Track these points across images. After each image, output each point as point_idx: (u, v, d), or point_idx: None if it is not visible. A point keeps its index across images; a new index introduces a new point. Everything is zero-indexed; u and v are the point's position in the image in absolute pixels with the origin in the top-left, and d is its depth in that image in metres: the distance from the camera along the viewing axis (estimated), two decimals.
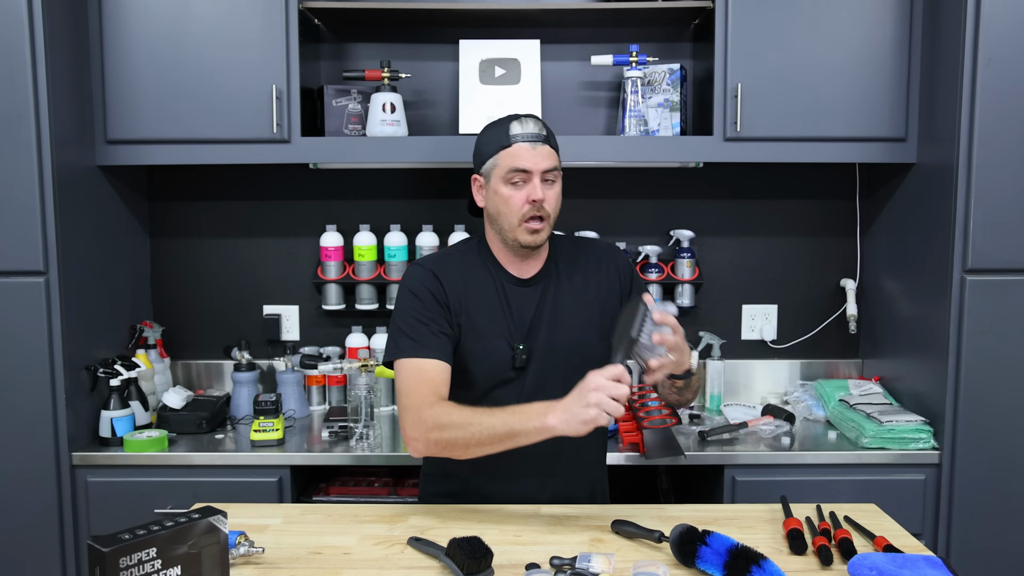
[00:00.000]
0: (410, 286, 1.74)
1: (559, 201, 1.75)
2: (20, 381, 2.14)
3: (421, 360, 1.67)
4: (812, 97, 2.31)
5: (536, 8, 2.40)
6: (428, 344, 1.68)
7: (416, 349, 1.68)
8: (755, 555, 1.33)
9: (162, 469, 2.19)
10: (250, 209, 2.70)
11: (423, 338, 1.69)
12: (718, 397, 2.62)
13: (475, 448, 1.56)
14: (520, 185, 1.70)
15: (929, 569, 1.31)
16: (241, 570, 1.42)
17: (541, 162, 1.69)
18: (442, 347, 1.69)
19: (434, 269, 1.76)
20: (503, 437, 1.53)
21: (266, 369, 2.68)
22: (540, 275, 1.79)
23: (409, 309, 1.72)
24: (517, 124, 1.72)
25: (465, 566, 1.36)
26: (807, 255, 2.73)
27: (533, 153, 1.69)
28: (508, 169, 1.69)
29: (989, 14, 2.07)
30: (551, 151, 1.72)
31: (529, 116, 1.74)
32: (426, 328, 1.69)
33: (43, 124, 2.09)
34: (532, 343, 1.74)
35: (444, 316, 1.72)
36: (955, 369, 2.17)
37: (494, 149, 1.72)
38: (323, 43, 2.61)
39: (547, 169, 1.70)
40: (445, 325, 1.71)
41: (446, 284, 1.74)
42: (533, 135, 1.70)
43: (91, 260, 2.31)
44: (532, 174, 1.69)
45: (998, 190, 2.11)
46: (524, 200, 1.69)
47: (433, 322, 1.70)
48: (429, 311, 1.71)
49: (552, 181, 1.72)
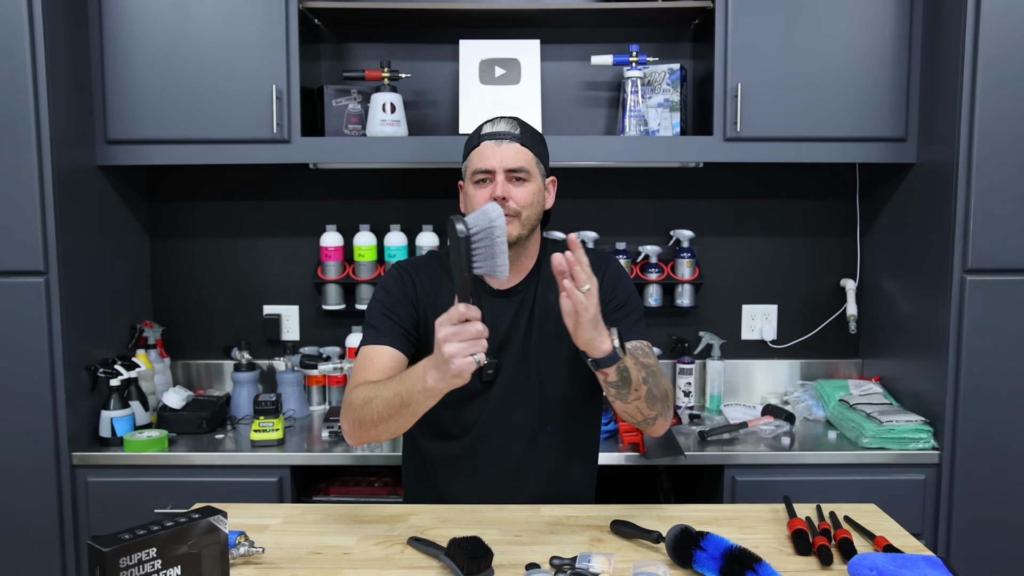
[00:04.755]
0: (384, 283, 1.75)
1: (534, 199, 1.67)
2: (20, 381, 2.14)
3: (372, 347, 1.66)
4: (812, 97, 2.31)
5: (536, 8, 2.40)
6: (384, 331, 1.67)
7: (371, 337, 1.68)
8: (751, 558, 1.32)
9: (162, 469, 2.19)
10: (250, 209, 2.70)
11: (382, 327, 1.68)
12: (718, 397, 2.62)
13: (382, 425, 1.50)
14: (485, 184, 1.66)
15: (929, 569, 1.31)
16: (241, 570, 1.42)
17: (505, 160, 1.64)
18: (398, 336, 1.67)
19: (410, 270, 1.76)
20: (399, 407, 1.46)
21: (266, 369, 2.68)
22: (520, 286, 1.74)
23: (377, 303, 1.72)
24: (488, 124, 1.70)
25: (465, 566, 1.36)
26: (807, 255, 2.73)
27: (497, 151, 1.65)
28: (473, 169, 1.67)
29: (989, 14, 2.07)
30: (520, 149, 1.66)
31: (504, 117, 1.71)
32: (387, 320, 1.68)
33: (43, 124, 2.09)
34: (502, 357, 1.70)
35: (409, 313, 1.70)
36: (955, 369, 2.17)
37: (467, 151, 1.71)
38: (323, 43, 2.61)
39: (512, 168, 1.65)
40: (408, 321, 1.70)
41: (419, 287, 1.72)
42: (500, 133, 1.66)
43: (91, 260, 2.31)
44: (495, 172, 1.65)
45: (998, 190, 2.11)
46: (486, 198, 1.64)
47: (395, 315, 1.69)
48: (395, 306, 1.70)
49: (523, 180, 1.66)
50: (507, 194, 1.63)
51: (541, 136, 1.75)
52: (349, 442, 1.60)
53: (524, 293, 1.74)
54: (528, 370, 1.71)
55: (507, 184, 1.65)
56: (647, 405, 1.55)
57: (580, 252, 1.36)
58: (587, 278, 1.36)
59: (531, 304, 1.73)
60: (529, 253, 1.74)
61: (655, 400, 1.57)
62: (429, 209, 2.68)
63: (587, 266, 1.37)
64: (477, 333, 1.33)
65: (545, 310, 1.71)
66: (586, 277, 1.36)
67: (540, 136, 1.74)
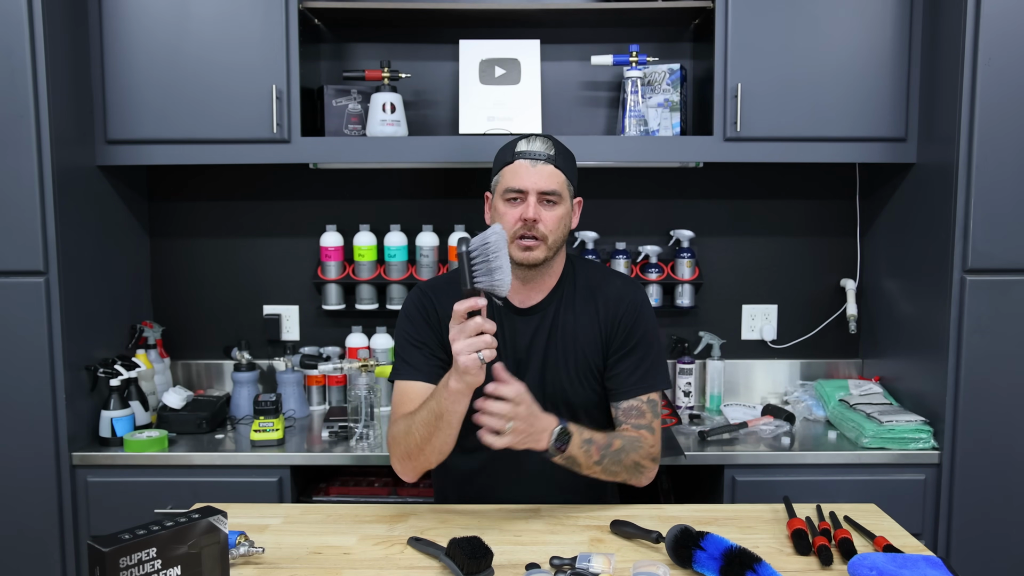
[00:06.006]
0: (406, 309, 1.77)
1: (562, 224, 1.69)
2: (20, 381, 2.14)
3: (406, 383, 1.70)
4: (812, 97, 2.31)
5: (536, 8, 2.40)
6: (417, 366, 1.70)
7: (405, 372, 1.71)
8: (751, 558, 1.32)
9: (162, 469, 2.19)
10: (250, 209, 2.70)
11: (414, 360, 1.71)
12: (718, 397, 2.62)
13: (428, 447, 1.56)
14: (516, 203, 1.67)
15: (929, 569, 1.32)
16: (241, 570, 1.42)
17: (539, 182, 1.65)
18: (431, 369, 1.69)
19: (431, 293, 1.76)
20: (435, 421, 1.52)
21: (266, 369, 2.68)
22: (542, 304, 1.75)
23: (403, 332, 1.74)
24: (524, 142, 1.69)
25: (465, 566, 1.36)
26: (807, 255, 2.73)
27: (531, 172, 1.65)
28: (505, 187, 1.67)
29: (989, 14, 2.07)
30: (554, 172, 1.66)
31: (541, 136, 1.70)
32: (418, 352, 1.71)
33: (43, 124, 2.09)
34: (522, 373, 1.69)
35: (435, 338, 1.72)
36: (955, 369, 2.17)
37: (499, 166, 1.71)
38: (323, 43, 2.61)
39: (545, 190, 1.65)
40: (437, 348, 1.71)
41: (440, 309, 1.72)
42: (536, 153, 1.66)
43: (91, 260, 2.31)
44: (527, 193, 1.65)
45: (998, 190, 2.11)
46: (517, 218, 1.65)
47: (425, 345, 1.71)
48: (420, 334, 1.72)
49: (553, 203, 1.67)
50: (538, 216, 1.65)
51: (573, 156, 1.74)
52: (406, 479, 1.65)
53: (545, 311, 1.75)
54: (545, 385, 1.73)
55: (538, 206, 1.65)
56: (605, 476, 1.66)
57: (493, 405, 1.47)
58: (502, 422, 1.48)
59: (551, 322, 1.74)
60: (553, 271, 1.76)
61: (616, 473, 1.66)
62: (429, 209, 2.68)
63: (503, 409, 1.47)
64: (477, 326, 1.41)
65: (564, 328, 1.74)
66: (501, 422, 1.48)
67: (572, 156, 1.74)
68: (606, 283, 1.78)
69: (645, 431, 1.71)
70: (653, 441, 1.71)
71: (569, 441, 1.57)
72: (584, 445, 1.60)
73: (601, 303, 1.75)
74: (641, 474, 1.69)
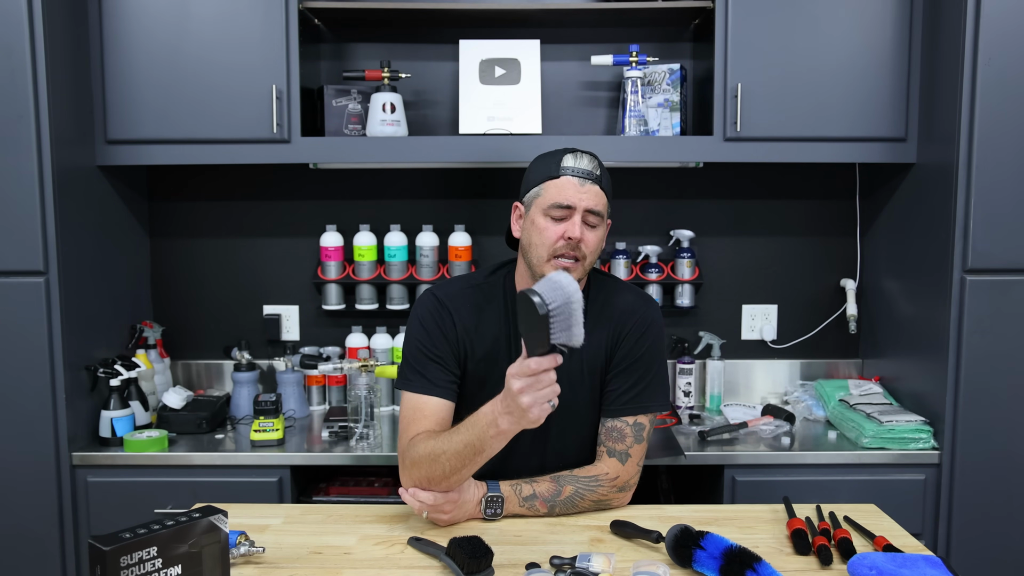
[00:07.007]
0: (420, 316, 1.71)
1: (600, 246, 1.66)
2: (20, 381, 2.14)
3: (421, 397, 1.66)
4: (812, 97, 2.31)
5: (536, 8, 2.40)
6: (435, 381, 1.66)
7: (419, 385, 1.67)
8: (751, 557, 1.32)
9: (162, 469, 2.19)
10: (250, 209, 2.70)
11: (429, 373, 1.67)
12: (718, 397, 2.62)
13: (455, 476, 1.53)
14: (559, 220, 1.62)
15: (929, 569, 1.32)
16: (241, 570, 1.42)
17: (587, 200, 1.61)
18: (446, 384, 1.67)
19: (448, 304, 1.71)
20: (472, 455, 1.50)
21: (266, 369, 2.68)
22: None
23: (417, 341, 1.69)
24: (571, 157, 1.64)
25: (465, 566, 1.36)
26: (807, 255, 2.73)
27: (580, 190, 1.61)
28: (550, 202, 1.61)
29: (989, 14, 2.07)
30: (600, 193, 1.63)
31: (586, 153, 1.66)
32: (434, 365, 1.67)
33: (43, 124, 2.09)
34: None
35: (451, 352, 1.69)
36: (955, 369, 2.17)
37: (541, 178, 1.65)
38: (323, 43, 2.61)
39: (591, 209, 1.61)
40: (452, 362, 1.68)
41: (459, 324, 1.69)
42: (584, 171, 1.62)
43: (91, 260, 2.31)
44: (574, 211, 1.61)
45: (998, 190, 2.11)
46: (560, 235, 1.60)
47: (440, 359, 1.67)
48: (437, 347, 1.68)
49: (595, 224, 1.63)
50: (582, 236, 1.61)
51: (610, 176, 1.71)
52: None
53: None
54: (556, 411, 1.70)
55: (583, 226, 1.62)
56: (562, 513, 1.65)
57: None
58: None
59: None
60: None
61: (579, 512, 1.65)
62: (429, 209, 2.68)
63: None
64: (551, 383, 1.39)
65: (577, 349, 1.71)
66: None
67: (609, 176, 1.71)
68: (619, 296, 1.76)
69: (614, 460, 1.66)
70: (619, 472, 1.66)
71: (502, 504, 1.60)
72: (525, 503, 1.61)
73: (612, 315, 1.72)
74: (609, 506, 1.67)
